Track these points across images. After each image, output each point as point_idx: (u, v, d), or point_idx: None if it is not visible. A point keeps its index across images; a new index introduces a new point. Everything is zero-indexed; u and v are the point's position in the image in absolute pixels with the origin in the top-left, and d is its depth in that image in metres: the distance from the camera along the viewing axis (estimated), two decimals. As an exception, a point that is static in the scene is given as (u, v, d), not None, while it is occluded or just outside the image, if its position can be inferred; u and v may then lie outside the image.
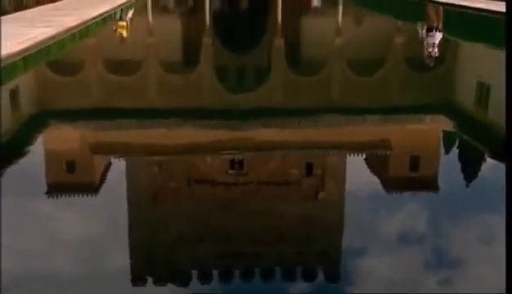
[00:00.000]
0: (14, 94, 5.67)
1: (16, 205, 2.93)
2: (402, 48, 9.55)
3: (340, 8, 17.32)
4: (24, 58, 6.38)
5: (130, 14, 14.14)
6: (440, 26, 12.16)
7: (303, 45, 10.16)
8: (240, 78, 7.21)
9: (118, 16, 12.32)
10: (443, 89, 6.33)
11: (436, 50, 12.27)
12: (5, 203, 2.83)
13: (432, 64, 11.50)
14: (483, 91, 6.12)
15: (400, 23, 13.18)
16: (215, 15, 15.15)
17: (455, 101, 5.88)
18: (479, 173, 3.65)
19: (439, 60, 8.24)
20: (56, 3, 11.69)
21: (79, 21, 9.22)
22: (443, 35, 12.16)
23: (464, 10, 11.99)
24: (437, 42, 11.86)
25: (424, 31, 12.52)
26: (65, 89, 6.06)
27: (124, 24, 13.70)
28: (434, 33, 12.16)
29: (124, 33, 14.40)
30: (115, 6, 12.49)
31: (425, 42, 12.14)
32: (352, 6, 16.89)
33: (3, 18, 8.63)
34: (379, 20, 14.34)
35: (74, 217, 2.90)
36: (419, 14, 13.67)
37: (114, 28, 13.65)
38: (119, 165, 3.84)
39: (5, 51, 5.93)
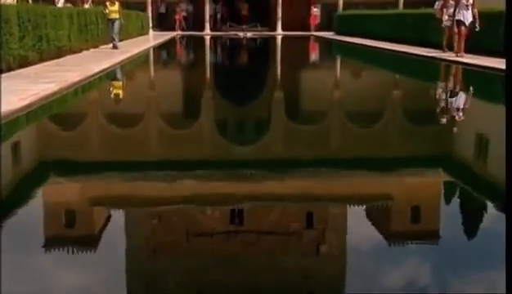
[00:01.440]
0: (14, 148, 5.70)
1: (12, 259, 2.90)
2: (401, 101, 9.66)
3: (338, 61, 17.67)
4: (26, 114, 6.46)
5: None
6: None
7: (302, 97, 10.29)
8: (241, 130, 7.25)
9: None
10: (442, 141, 6.36)
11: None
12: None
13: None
14: (482, 143, 6.15)
15: (398, 76, 13.42)
16: (216, 68, 15.47)
17: (454, 153, 5.89)
18: (481, 224, 3.63)
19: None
20: (60, 59, 11.94)
21: (82, 77, 9.41)
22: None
23: (463, 66, 12.18)
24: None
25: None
26: (66, 142, 6.09)
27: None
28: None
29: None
30: (118, 61, 12.75)
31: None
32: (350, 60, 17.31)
33: (8, 74, 8.81)
34: (378, 73, 14.59)
35: (71, 271, 2.86)
36: (418, 69, 13.91)
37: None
38: (118, 218, 3.83)
39: (8, 108, 6.02)
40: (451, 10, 13.38)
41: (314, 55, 20.36)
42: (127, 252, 3.15)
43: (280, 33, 29.45)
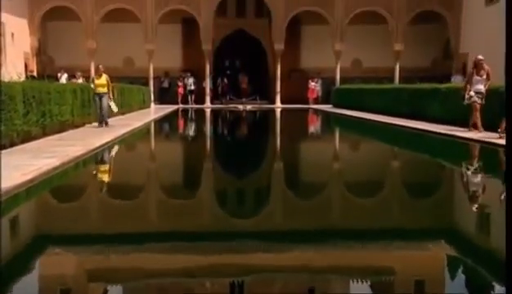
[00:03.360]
0: (15, 223, 5.70)
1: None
2: (400, 173, 9.74)
3: (337, 133, 17.92)
4: (28, 188, 6.51)
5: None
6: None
7: (301, 168, 10.37)
8: (240, 202, 7.27)
9: None
10: (443, 214, 6.36)
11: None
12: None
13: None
14: (485, 216, 6.16)
15: (396, 149, 13.57)
16: (216, 140, 15.65)
17: (455, 226, 5.89)
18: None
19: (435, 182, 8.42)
20: (62, 134, 12.12)
21: (84, 151, 9.53)
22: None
23: (462, 140, 12.20)
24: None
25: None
26: (66, 216, 6.09)
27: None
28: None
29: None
30: (119, 135, 12.93)
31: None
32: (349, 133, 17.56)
33: (11, 150, 8.93)
34: (376, 145, 14.75)
35: None
36: (416, 142, 14.04)
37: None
38: (116, 292, 3.79)
39: (10, 183, 6.08)
40: (478, 86, 12.84)
41: (313, 128, 20.67)
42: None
43: (279, 106, 30.02)
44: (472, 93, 12.83)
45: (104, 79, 14.89)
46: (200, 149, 13.55)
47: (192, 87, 30.83)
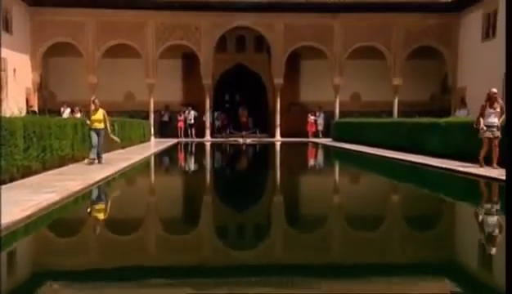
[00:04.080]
0: (11, 258, 5.66)
1: None
2: (400, 206, 9.72)
3: (337, 168, 17.94)
4: (27, 224, 6.49)
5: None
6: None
7: (302, 202, 10.35)
8: (240, 235, 7.24)
9: None
10: (443, 248, 6.33)
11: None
12: None
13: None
14: (487, 252, 6.12)
15: (396, 182, 13.56)
16: (216, 173, 15.65)
17: (456, 261, 5.85)
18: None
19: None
20: (63, 168, 12.13)
21: (83, 185, 9.52)
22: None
23: (463, 175, 12.08)
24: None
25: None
26: (64, 250, 6.06)
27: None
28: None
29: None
30: (119, 169, 12.95)
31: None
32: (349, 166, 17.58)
33: (10, 185, 8.93)
34: (376, 179, 14.75)
35: None
36: (416, 177, 14.05)
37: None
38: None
39: (9, 219, 6.06)
40: (491, 119, 12.50)
41: (312, 161, 20.69)
42: None
43: (279, 139, 30.13)
44: (484, 127, 12.45)
45: (101, 114, 14.08)
46: (200, 182, 13.54)
47: (193, 121, 31.02)
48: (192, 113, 30.91)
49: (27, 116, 12.17)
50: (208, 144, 28.04)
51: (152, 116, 29.89)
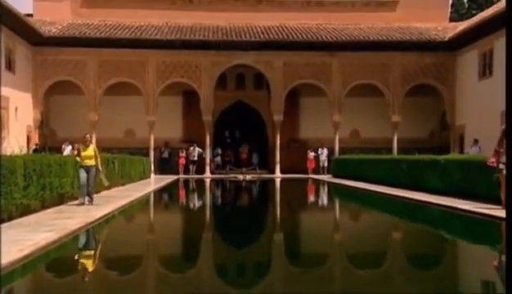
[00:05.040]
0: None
1: None
2: (401, 244, 9.66)
3: (338, 205, 17.89)
4: (24, 264, 6.43)
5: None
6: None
7: (302, 239, 10.28)
8: (240, 273, 7.17)
9: None
10: (445, 287, 6.27)
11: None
12: None
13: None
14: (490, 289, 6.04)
15: (397, 220, 13.50)
16: (215, 210, 15.60)
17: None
18: None
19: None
20: (61, 206, 12.10)
21: (82, 224, 9.47)
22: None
23: (464, 213, 11.82)
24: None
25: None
26: (61, 288, 6.01)
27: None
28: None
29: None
30: (118, 206, 12.90)
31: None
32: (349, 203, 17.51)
33: (9, 224, 8.89)
34: (377, 216, 14.69)
35: None
36: (416, 215, 13.97)
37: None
38: None
39: (6, 259, 6.02)
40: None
41: (312, 197, 20.64)
42: None
43: (278, 175, 30.12)
44: (501, 165, 11.45)
45: (92, 150, 13.06)
46: (199, 219, 13.48)
47: (196, 158, 30.94)
48: (197, 150, 30.92)
49: (27, 155, 12.19)
50: (208, 181, 28.02)
51: (152, 153, 29.96)
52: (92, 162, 13.01)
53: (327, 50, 29.83)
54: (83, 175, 12.74)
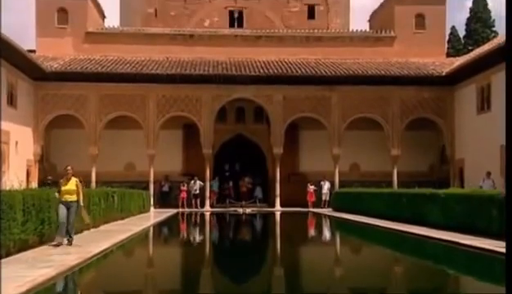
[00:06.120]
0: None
1: None
2: (403, 277, 9.57)
3: (338, 239, 17.79)
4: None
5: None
6: None
7: (302, 274, 10.19)
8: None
9: None
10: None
11: None
12: None
13: None
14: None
15: (398, 254, 13.39)
16: (215, 244, 15.49)
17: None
18: None
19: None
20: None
21: (80, 260, 9.41)
22: None
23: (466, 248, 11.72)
24: None
25: None
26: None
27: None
28: None
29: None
30: (117, 241, 12.83)
31: None
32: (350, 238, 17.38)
33: (6, 260, 8.81)
34: (378, 251, 14.59)
35: None
36: (418, 250, 13.86)
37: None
38: None
39: (3, 297, 5.96)
40: None
41: (313, 231, 20.53)
42: None
43: (278, 209, 29.98)
44: None
45: (73, 184, 11.72)
46: (198, 253, 13.39)
47: (198, 191, 30.74)
48: (198, 183, 30.79)
49: (26, 189, 12.16)
50: (207, 215, 27.88)
51: (152, 186, 29.89)
52: (73, 198, 11.61)
53: (326, 84, 30.09)
54: (62, 211, 11.31)
